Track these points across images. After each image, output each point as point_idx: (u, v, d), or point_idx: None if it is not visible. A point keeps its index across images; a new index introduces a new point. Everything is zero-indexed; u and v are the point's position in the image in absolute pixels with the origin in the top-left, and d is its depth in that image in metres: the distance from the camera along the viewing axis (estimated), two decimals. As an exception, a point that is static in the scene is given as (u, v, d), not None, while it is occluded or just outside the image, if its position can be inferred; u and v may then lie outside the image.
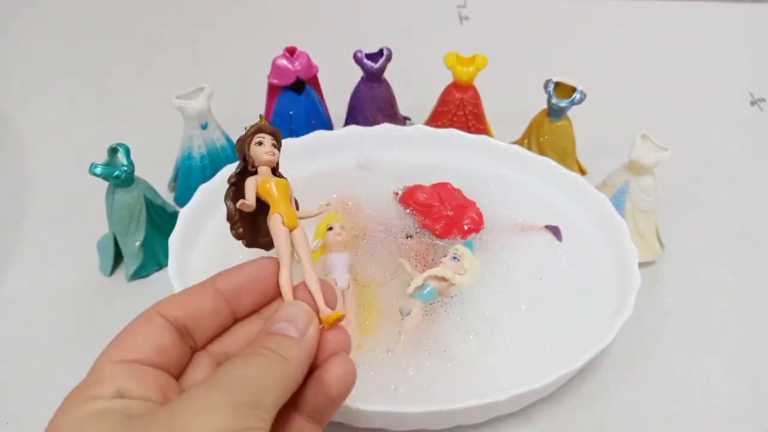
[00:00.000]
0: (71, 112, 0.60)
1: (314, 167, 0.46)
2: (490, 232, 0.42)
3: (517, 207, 0.44)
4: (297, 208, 0.30)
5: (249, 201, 0.28)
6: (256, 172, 0.30)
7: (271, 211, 0.28)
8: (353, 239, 0.41)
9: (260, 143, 0.29)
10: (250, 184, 0.29)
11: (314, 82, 0.51)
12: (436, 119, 0.51)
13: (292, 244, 0.28)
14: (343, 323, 0.27)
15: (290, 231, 0.28)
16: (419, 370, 0.35)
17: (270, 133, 0.30)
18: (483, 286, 0.39)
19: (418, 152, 0.48)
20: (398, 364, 0.35)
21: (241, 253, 0.41)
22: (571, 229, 0.43)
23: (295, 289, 0.27)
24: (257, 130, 0.30)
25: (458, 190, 0.44)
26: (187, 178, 0.47)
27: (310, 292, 0.27)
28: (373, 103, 0.51)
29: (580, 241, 0.42)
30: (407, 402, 0.33)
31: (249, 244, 0.31)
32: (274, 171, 0.30)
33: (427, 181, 0.45)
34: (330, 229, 0.40)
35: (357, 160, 0.47)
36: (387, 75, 0.50)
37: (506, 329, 0.37)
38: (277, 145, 0.30)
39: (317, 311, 0.26)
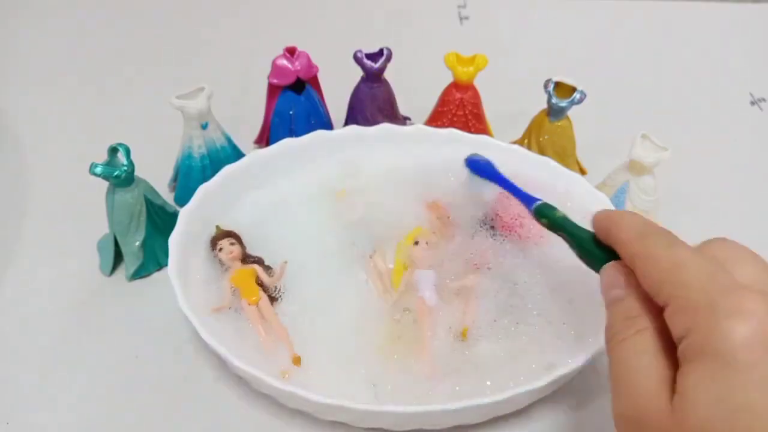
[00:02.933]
0: (71, 112, 0.60)
1: (315, 167, 0.46)
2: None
3: (517, 206, 0.44)
4: (271, 273, 0.40)
5: (224, 302, 0.38)
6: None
7: (240, 295, 0.38)
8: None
9: (221, 249, 0.40)
10: (225, 286, 0.38)
11: (314, 82, 0.51)
12: (436, 119, 0.51)
13: (260, 311, 0.37)
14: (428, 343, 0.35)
15: (256, 304, 0.38)
16: (419, 368, 0.35)
17: (226, 237, 0.40)
18: (483, 286, 0.39)
19: (418, 152, 0.47)
20: (399, 363, 0.35)
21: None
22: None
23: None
24: (212, 242, 0.40)
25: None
26: (187, 178, 0.47)
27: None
28: (373, 103, 0.51)
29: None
30: (406, 401, 0.33)
31: None
32: (246, 256, 0.40)
33: (428, 181, 0.45)
34: (416, 243, 0.40)
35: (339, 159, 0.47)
36: (387, 75, 0.50)
37: (506, 329, 0.37)
38: (236, 242, 0.40)
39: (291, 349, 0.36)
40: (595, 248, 0.30)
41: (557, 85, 0.47)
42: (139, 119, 0.58)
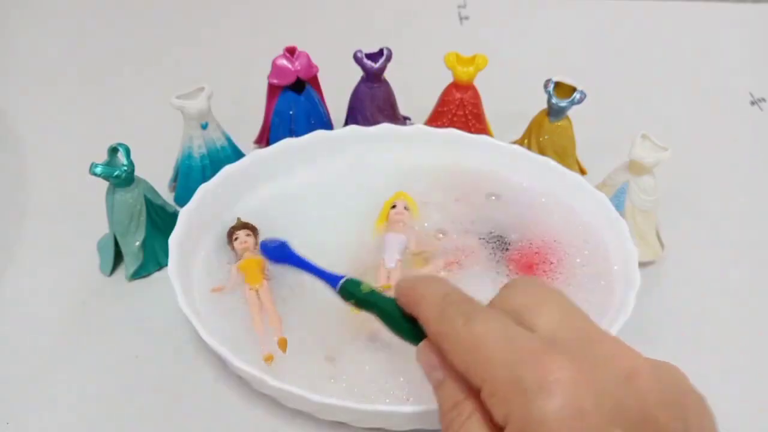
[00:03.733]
0: (71, 112, 0.60)
1: (315, 167, 0.46)
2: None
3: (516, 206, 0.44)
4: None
5: (227, 285, 0.40)
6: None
7: (244, 280, 0.40)
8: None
9: (236, 239, 0.41)
10: (232, 271, 0.40)
11: (314, 82, 0.51)
12: (436, 119, 0.51)
13: (259, 298, 0.39)
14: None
15: (256, 290, 0.39)
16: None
17: (243, 228, 0.42)
18: (482, 286, 0.39)
19: (418, 152, 0.48)
20: (398, 361, 0.35)
21: (241, 253, 0.41)
22: (570, 228, 0.43)
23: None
24: (230, 231, 0.42)
25: None
26: (187, 178, 0.47)
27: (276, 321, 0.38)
28: (373, 103, 0.51)
29: (580, 240, 0.42)
30: (407, 401, 0.33)
31: None
32: None
33: (427, 181, 0.45)
34: (393, 207, 0.41)
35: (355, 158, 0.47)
36: (387, 75, 0.50)
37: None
38: (251, 234, 0.42)
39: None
40: (406, 323, 0.28)
41: (557, 85, 0.47)
42: (139, 119, 0.58)
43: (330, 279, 0.33)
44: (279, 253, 0.37)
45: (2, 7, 0.74)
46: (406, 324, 0.28)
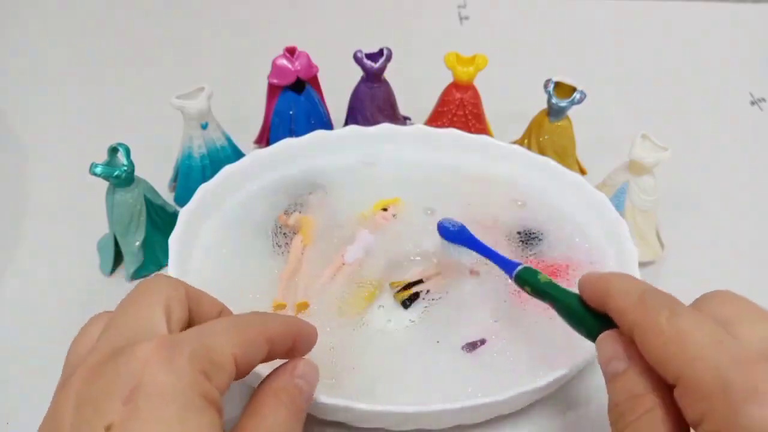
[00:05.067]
0: (71, 112, 0.60)
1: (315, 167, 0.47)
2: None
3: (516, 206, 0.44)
4: None
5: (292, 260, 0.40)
6: None
7: (298, 231, 0.42)
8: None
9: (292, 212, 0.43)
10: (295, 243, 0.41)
11: (314, 82, 0.51)
12: (436, 119, 0.51)
13: (302, 255, 0.40)
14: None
15: (304, 246, 0.40)
16: (418, 367, 0.35)
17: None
18: (483, 286, 0.39)
19: (418, 152, 0.48)
20: (397, 361, 0.35)
21: (241, 253, 0.41)
22: (570, 228, 0.43)
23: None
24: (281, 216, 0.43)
25: None
26: (187, 178, 0.47)
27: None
28: (373, 103, 0.51)
29: (580, 241, 0.42)
30: (405, 401, 0.33)
31: None
32: None
33: (427, 181, 0.45)
34: (384, 209, 0.42)
35: (363, 158, 0.47)
36: (387, 75, 0.50)
37: (506, 329, 0.37)
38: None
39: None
40: (588, 315, 0.28)
41: (557, 85, 0.47)
42: (139, 119, 0.58)
43: (507, 265, 0.34)
44: (458, 235, 0.38)
45: (2, 7, 0.74)
46: (588, 316, 0.28)
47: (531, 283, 0.32)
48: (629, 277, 0.27)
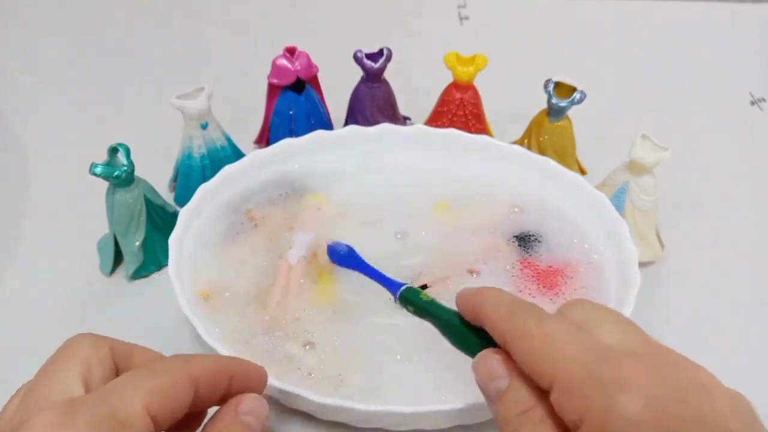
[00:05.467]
0: (71, 112, 0.60)
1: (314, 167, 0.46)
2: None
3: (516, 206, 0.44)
4: None
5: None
6: None
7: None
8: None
9: None
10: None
11: (314, 82, 0.51)
12: (436, 119, 0.51)
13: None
14: (280, 295, 0.38)
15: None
16: (419, 367, 0.35)
17: None
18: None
19: (418, 152, 0.48)
20: (397, 361, 0.35)
21: (240, 253, 0.41)
22: (570, 229, 0.43)
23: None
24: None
25: None
26: (187, 178, 0.47)
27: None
28: (373, 103, 0.51)
29: (580, 241, 0.42)
30: (405, 401, 0.33)
31: None
32: None
33: (426, 181, 0.45)
34: (318, 210, 0.43)
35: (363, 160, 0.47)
36: (387, 75, 0.50)
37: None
38: None
39: None
40: (467, 332, 0.28)
41: (557, 85, 0.47)
42: (139, 119, 0.58)
43: (391, 285, 0.35)
44: (346, 258, 0.39)
45: (2, 7, 0.74)
46: (467, 333, 0.28)
47: (413, 302, 0.32)
48: (499, 291, 0.28)
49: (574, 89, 0.46)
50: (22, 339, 0.40)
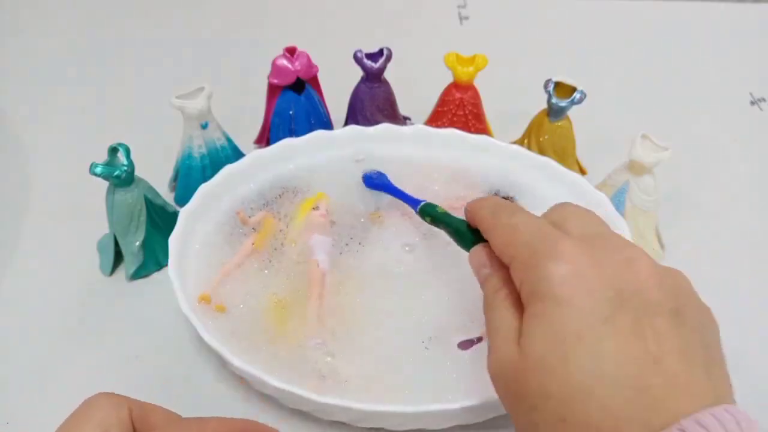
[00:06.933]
0: (71, 112, 0.60)
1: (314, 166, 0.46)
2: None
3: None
4: None
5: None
6: None
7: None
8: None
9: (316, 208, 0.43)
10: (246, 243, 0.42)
11: (314, 82, 0.51)
12: (436, 119, 0.51)
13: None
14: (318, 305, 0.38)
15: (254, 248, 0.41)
16: (418, 367, 0.35)
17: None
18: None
19: (418, 152, 0.48)
20: (397, 360, 0.35)
21: (239, 256, 0.41)
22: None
23: None
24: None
25: None
26: (187, 178, 0.47)
27: None
28: (373, 103, 0.51)
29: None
30: (405, 401, 0.33)
31: None
32: None
33: (426, 181, 0.45)
34: (315, 209, 0.41)
35: (354, 155, 0.47)
36: (387, 75, 0.50)
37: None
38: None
39: None
40: (470, 234, 0.33)
41: (557, 85, 0.47)
42: (139, 119, 0.58)
43: (412, 201, 0.41)
44: (377, 181, 0.45)
45: (2, 7, 0.74)
46: (470, 235, 0.33)
47: (430, 213, 0.37)
48: (493, 198, 0.33)
49: (574, 89, 0.46)
50: (22, 339, 0.40)
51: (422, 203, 0.39)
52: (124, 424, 0.26)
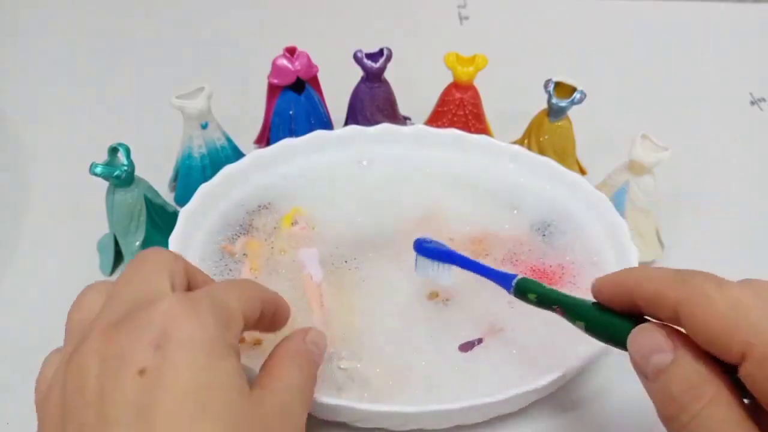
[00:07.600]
0: (71, 112, 0.60)
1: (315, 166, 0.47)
2: (490, 232, 0.42)
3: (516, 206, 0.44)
4: None
5: None
6: None
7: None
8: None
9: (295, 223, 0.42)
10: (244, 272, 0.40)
11: (314, 82, 0.51)
12: (436, 119, 0.51)
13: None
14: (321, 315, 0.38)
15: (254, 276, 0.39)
16: (418, 367, 0.35)
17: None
18: (484, 288, 0.39)
19: (418, 152, 0.48)
20: (397, 360, 0.35)
21: (240, 252, 0.41)
22: (571, 229, 0.43)
23: None
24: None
25: None
26: (187, 178, 0.47)
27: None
28: (373, 103, 0.51)
29: (581, 241, 0.42)
30: (407, 401, 0.33)
31: None
32: None
33: (426, 181, 0.45)
34: (294, 224, 0.41)
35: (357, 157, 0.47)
36: (387, 75, 0.50)
37: (507, 329, 0.37)
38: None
39: None
40: (610, 315, 0.26)
41: (557, 85, 0.47)
42: (139, 119, 0.58)
43: (502, 277, 0.32)
44: (439, 253, 0.36)
45: (2, 7, 0.74)
46: (607, 314, 0.26)
47: (536, 290, 0.30)
48: (649, 267, 0.27)
49: (574, 89, 0.46)
50: (22, 339, 0.40)
51: (517, 278, 0.31)
52: (183, 274, 0.27)
